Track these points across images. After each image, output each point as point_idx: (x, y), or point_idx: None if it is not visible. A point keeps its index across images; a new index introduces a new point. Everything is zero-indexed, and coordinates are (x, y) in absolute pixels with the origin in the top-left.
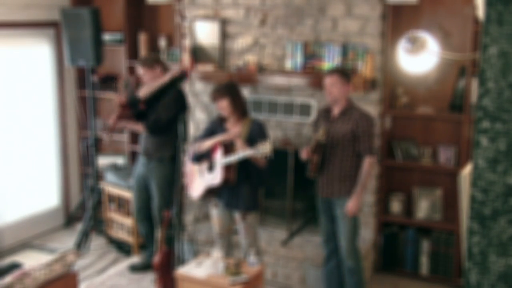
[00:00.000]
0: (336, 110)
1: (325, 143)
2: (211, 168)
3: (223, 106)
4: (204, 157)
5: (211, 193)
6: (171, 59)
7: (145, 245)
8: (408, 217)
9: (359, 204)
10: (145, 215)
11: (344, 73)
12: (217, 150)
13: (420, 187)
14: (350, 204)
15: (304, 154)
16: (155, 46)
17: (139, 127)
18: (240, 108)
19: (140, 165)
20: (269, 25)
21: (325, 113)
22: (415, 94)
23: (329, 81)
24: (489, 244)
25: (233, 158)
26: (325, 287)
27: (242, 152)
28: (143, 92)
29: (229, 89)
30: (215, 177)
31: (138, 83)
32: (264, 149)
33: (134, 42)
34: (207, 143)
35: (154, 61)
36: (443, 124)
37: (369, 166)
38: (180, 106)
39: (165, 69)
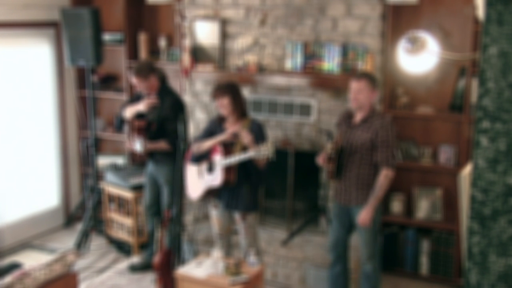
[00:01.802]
0: (358, 117)
1: (335, 156)
2: (210, 169)
3: (224, 104)
4: (203, 158)
5: (210, 193)
6: (171, 59)
7: (148, 243)
8: (408, 217)
9: (371, 215)
10: (155, 212)
11: (372, 78)
12: (216, 151)
13: (420, 187)
14: (362, 215)
15: (320, 161)
16: (155, 46)
17: (162, 145)
18: (240, 107)
19: (150, 164)
20: (269, 25)
21: (348, 118)
22: (415, 94)
23: (356, 86)
24: (489, 244)
25: (234, 159)
26: None
27: (243, 154)
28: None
29: (230, 88)
30: (215, 178)
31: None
32: (266, 150)
33: (134, 42)
34: (207, 144)
35: (149, 70)
36: (443, 124)
37: (384, 178)
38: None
39: (160, 77)
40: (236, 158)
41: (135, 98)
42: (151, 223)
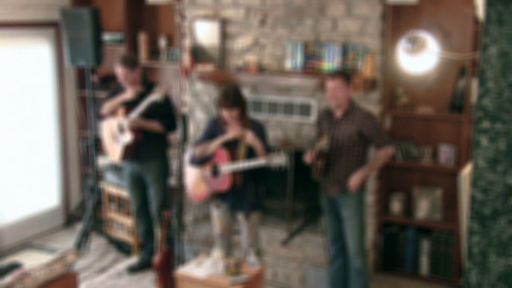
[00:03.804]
0: (339, 112)
1: (328, 152)
2: (215, 172)
3: (233, 115)
4: (205, 160)
5: (214, 194)
6: (171, 59)
7: (143, 243)
8: (408, 217)
9: (361, 180)
10: (145, 212)
11: (346, 75)
12: (221, 155)
13: (420, 187)
14: (352, 179)
15: (308, 159)
16: (155, 46)
17: (154, 125)
18: (246, 115)
19: (131, 164)
20: (269, 25)
21: (327, 115)
22: (415, 94)
23: (332, 85)
24: (489, 244)
25: (243, 166)
26: (330, 287)
27: (254, 161)
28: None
29: (239, 99)
30: (223, 183)
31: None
32: (278, 159)
33: (134, 42)
34: (212, 147)
35: (136, 62)
36: (443, 124)
37: (385, 154)
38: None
39: (141, 73)
40: (246, 165)
41: (112, 93)
42: (143, 224)
